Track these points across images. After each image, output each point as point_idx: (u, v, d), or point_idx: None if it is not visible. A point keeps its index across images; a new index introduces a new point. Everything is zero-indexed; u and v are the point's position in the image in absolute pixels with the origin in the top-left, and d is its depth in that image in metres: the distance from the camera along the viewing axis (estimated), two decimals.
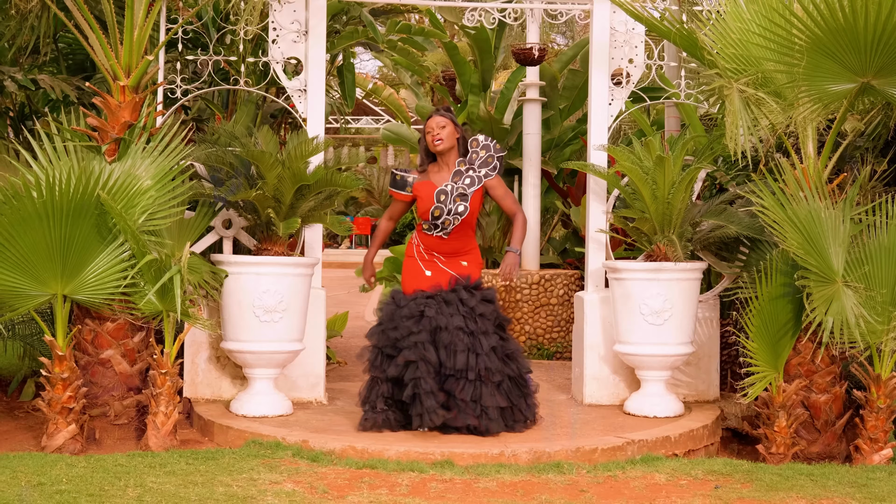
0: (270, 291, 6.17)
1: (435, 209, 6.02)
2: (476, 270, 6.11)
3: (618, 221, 6.73)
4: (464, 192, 6.03)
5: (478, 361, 5.80)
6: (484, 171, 6.10)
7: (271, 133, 6.51)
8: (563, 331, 9.71)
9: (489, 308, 5.93)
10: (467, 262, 6.10)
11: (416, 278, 6.09)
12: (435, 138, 6.06)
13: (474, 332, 5.83)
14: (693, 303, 6.51)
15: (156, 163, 5.87)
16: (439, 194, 6.06)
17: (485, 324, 5.88)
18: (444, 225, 6.03)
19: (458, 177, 6.09)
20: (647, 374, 6.56)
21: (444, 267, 6.06)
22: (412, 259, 6.15)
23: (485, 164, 6.13)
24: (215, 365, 6.74)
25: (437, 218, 6.03)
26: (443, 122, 6.07)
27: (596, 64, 6.99)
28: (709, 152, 6.72)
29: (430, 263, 6.09)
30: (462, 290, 5.93)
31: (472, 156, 6.15)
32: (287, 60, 6.88)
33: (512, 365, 5.96)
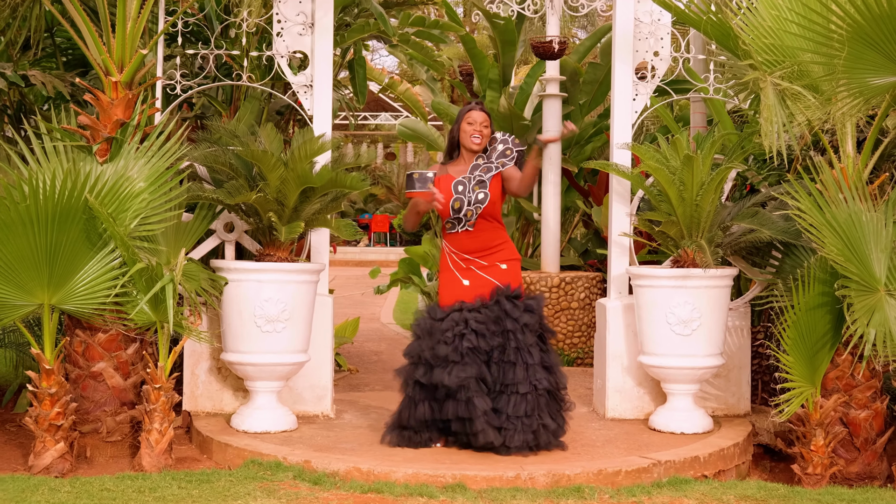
0: (273, 300, 5.81)
1: (455, 200, 5.67)
2: (516, 273, 5.74)
3: (642, 224, 6.32)
4: (482, 178, 5.69)
5: (528, 374, 5.45)
6: (501, 161, 5.76)
7: (275, 131, 6.14)
8: (585, 336, 9.33)
9: (534, 318, 5.58)
10: (507, 266, 5.72)
11: (454, 289, 5.68)
12: (476, 134, 5.72)
13: (521, 344, 5.48)
14: (723, 312, 6.10)
15: (150, 163, 5.51)
16: (457, 185, 5.71)
17: (529, 335, 5.52)
18: (467, 216, 5.67)
19: (476, 169, 5.77)
20: (673, 387, 6.15)
21: (483, 273, 5.67)
22: (447, 272, 5.75)
23: (502, 155, 5.78)
24: (216, 376, 6.39)
25: (459, 210, 5.67)
26: (486, 121, 5.77)
27: (619, 57, 6.58)
28: (739, 151, 6.30)
29: (466, 272, 5.70)
30: (505, 300, 5.57)
31: (491, 151, 5.82)
32: (292, 54, 6.51)
33: (551, 378, 5.60)
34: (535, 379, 5.46)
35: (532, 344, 5.51)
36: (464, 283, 5.67)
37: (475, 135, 5.71)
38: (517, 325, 5.50)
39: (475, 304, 5.57)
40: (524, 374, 5.45)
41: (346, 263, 24.15)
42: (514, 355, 5.47)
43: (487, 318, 5.51)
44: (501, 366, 5.48)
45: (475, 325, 5.47)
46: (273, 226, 5.77)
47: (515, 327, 5.50)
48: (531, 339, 5.53)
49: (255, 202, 5.72)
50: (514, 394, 5.45)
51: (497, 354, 5.48)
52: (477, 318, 5.50)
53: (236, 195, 5.71)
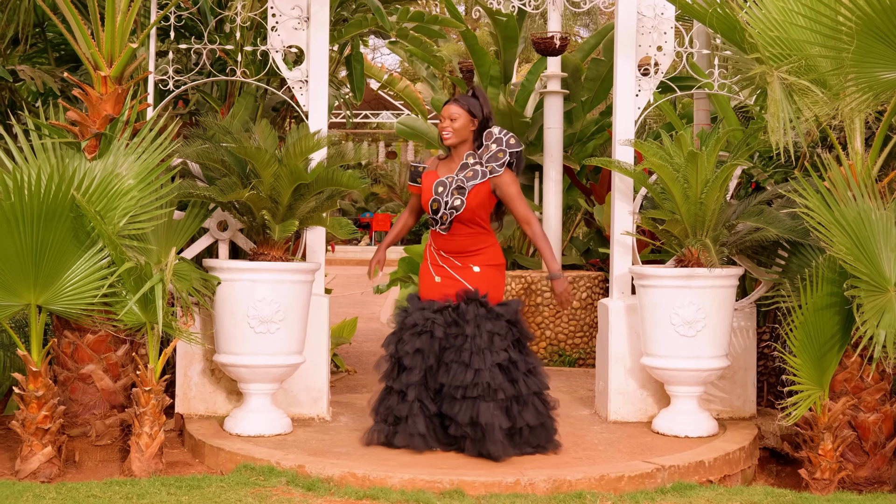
0: (266, 300, 5.66)
1: (433, 201, 5.54)
2: (490, 279, 5.55)
3: (646, 223, 6.17)
4: (462, 185, 5.50)
5: (476, 377, 5.28)
6: (490, 167, 5.53)
7: (270, 128, 5.99)
8: (586, 336, 9.19)
9: (500, 323, 5.39)
10: (480, 269, 5.55)
11: (427, 285, 5.63)
12: (443, 130, 5.57)
13: (477, 348, 5.32)
14: (728, 312, 5.95)
15: (140, 160, 5.37)
16: (437, 186, 5.55)
17: (494, 339, 5.35)
18: (443, 220, 5.53)
19: (463, 170, 5.57)
20: (677, 389, 6.01)
21: (454, 273, 5.54)
22: (425, 263, 5.68)
23: (493, 158, 5.55)
24: (209, 378, 6.25)
25: (436, 212, 5.54)
26: (456, 113, 5.53)
27: (622, 52, 6.43)
28: (745, 148, 6.15)
29: (440, 268, 5.59)
30: (469, 304, 5.42)
31: (484, 149, 5.60)
32: (287, 49, 6.37)
33: (534, 380, 5.44)
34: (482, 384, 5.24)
35: (488, 348, 5.31)
36: (435, 279, 5.57)
37: (443, 132, 5.55)
38: (477, 331, 5.35)
39: (444, 303, 5.46)
40: (473, 377, 5.27)
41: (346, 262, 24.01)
42: (467, 357, 5.31)
43: (448, 322, 5.40)
44: (453, 368, 5.31)
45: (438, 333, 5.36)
46: (266, 224, 5.63)
47: (475, 333, 5.35)
48: (496, 343, 5.34)
49: (248, 200, 5.57)
50: (465, 399, 5.28)
51: (452, 355, 5.33)
52: (438, 321, 5.39)
53: (228, 193, 5.56)
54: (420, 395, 5.36)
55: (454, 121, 5.53)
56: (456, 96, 5.68)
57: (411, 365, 5.34)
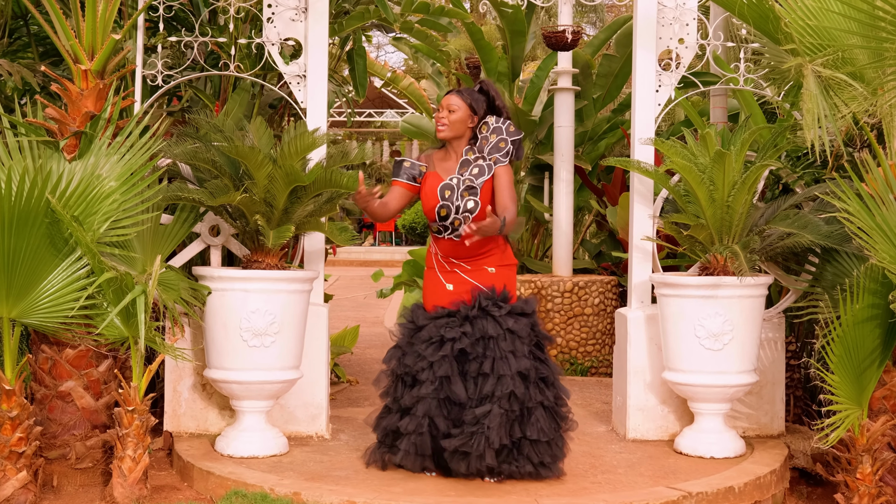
0: (260, 311, 5.26)
1: (441, 208, 5.06)
2: (506, 278, 5.12)
3: (668, 228, 5.75)
4: (472, 184, 5.05)
5: (500, 384, 4.85)
6: (494, 157, 5.08)
7: (265, 125, 5.59)
8: (599, 344, 8.79)
9: (522, 323, 4.96)
10: (495, 269, 5.11)
11: (437, 293, 5.14)
12: (439, 121, 5.12)
13: (501, 352, 4.88)
14: (757, 324, 5.53)
15: (122, 161, 4.96)
16: (443, 190, 5.08)
17: (515, 342, 4.92)
18: (454, 225, 5.06)
19: (465, 167, 5.10)
20: (702, 406, 5.59)
21: (468, 277, 5.08)
22: (432, 271, 5.20)
23: (495, 149, 5.10)
24: (200, 394, 5.84)
25: (445, 218, 5.07)
26: (455, 105, 5.10)
27: (641, 44, 6.02)
28: (773, 148, 5.73)
29: (451, 275, 5.12)
30: (486, 302, 4.97)
31: (482, 141, 5.14)
32: (284, 42, 5.97)
33: (548, 392, 5.00)
34: (502, 391, 4.81)
35: (513, 351, 4.88)
36: (447, 287, 5.10)
37: (440, 123, 5.11)
38: (500, 330, 4.91)
39: (456, 309, 5.00)
40: (494, 386, 4.84)
41: (350, 263, 23.65)
42: (489, 366, 4.86)
43: (462, 320, 4.94)
44: (477, 380, 4.89)
45: (452, 334, 4.90)
46: (260, 230, 5.22)
47: (498, 332, 4.90)
48: (515, 346, 4.90)
49: (239, 204, 5.16)
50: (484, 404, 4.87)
51: (476, 367, 4.88)
52: (453, 325, 4.93)
53: (218, 196, 5.15)
54: (430, 412, 4.91)
55: (452, 112, 5.10)
56: (460, 88, 5.25)
57: (424, 377, 4.89)
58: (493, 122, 5.12)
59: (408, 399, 4.94)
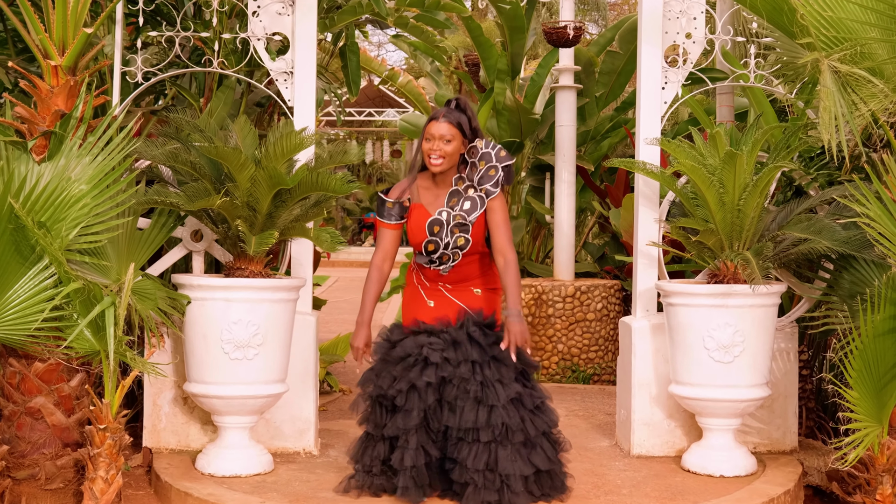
0: (243, 322, 4.96)
1: (428, 243, 4.69)
2: (491, 302, 4.81)
3: (676, 233, 5.44)
4: (463, 220, 4.67)
5: (491, 417, 4.53)
6: (485, 189, 4.70)
7: (249, 125, 5.29)
8: (602, 350, 8.49)
9: (506, 352, 4.62)
10: (481, 290, 4.81)
11: (417, 308, 4.79)
12: (434, 155, 4.62)
13: (487, 380, 4.57)
14: (769, 335, 5.23)
15: (94, 162, 4.65)
16: (432, 225, 4.69)
17: (501, 370, 4.62)
18: (443, 260, 4.72)
19: (456, 199, 4.70)
20: (710, 422, 5.29)
21: (451, 296, 4.76)
22: (412, 287, 4.86)
23: (486, 177, 4.70)
24: (181, 408, 5.54)
25: (433, 252, 4.71)
26: (449, 134, 4.61)
27: (646, 39, 5.71)
28: (785, 149, 5.42)
29: (433, 292, 4.79)
30: (473, 326, 4.65)
31: (471, 168, 4.73)
32: (270, 37, 5.67)
33: (543, 418, 4.70)
34: (498, 425, 4.50)
35: (500, 379, 4.56)
36: (428, 303, 4.76)
37: (433, 155, 4.61)
38: (486, 357, 4.59)
39: (436, 326, 4.65)
40: (486, 417, 4.50)
41: (350, 264, 23.33)
42: (478, 391, 4.52)
43: (447, 344, 4.58)
44: (459, 406, 4.53)
45: (435, 359, 4.53)
46: (241, 235, 4.92)
47: (483, 358, 4.58)
48: (502, 373, 4.58)
49: (220, 208, 4.86)
50: (476, 442, 4.51)
51: (453, 391, 4.53)
52: (435, 345, 4.57)
53: (197, 199, 4.84)
54: (422, 442, 4.60)
55: (449, 142, 4.62)
56: (441, 111, 4.70)
57: (408, 406, 4.56)
58: (481, 147, 4.71)
59: (392, 429, 4.60)
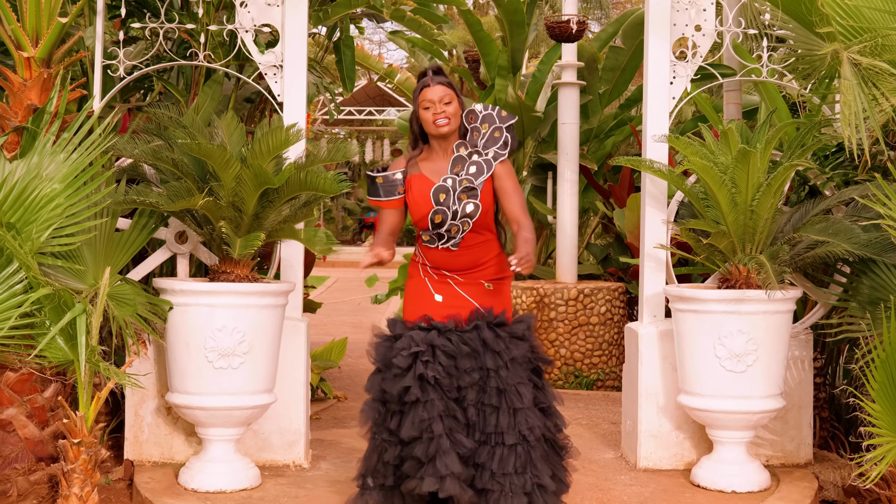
0: (227, 328, 4.69)
1: (435, 214, 4.36)
2: (503, 295, 4.48)
3: (685, 235, 5.16)
4: (471, 184, 4.38)
5: (516, 420, 4.22)
6: (493, 152, 4.43)
7: (236, 121, 5.02)
8: (606, 355, 8.22)
9: (523, 348, 4.31)
10: (493, 286, 4.46)
11: (423, 303, 4.41)
12: (438, 117, 4.36)
13: (506, 384, 4.26)
14: (784, 343, 4.96)
15: (69, 160, 4.39)
16: (437, 193, 4.39)
17: (518, 370, 4.33)
18: (451, 233, 4.38)
19: (460, 165, 4.42)
20: (722, 434, 5.02)
21: (461, 291, 4.41)
22: (417, 279, 4.50)
23: (491, 140, 4.44)
24: (165, 418, 5.27)
25: (440, 225, 4.37)
26: (447, 95, 4.38)
27: (654, 32, 5.44)
28: (799, 147, 5.14)
29: (440, 285, 4.42)
30: (486, 327, 4.31)
31: (473, 133, 4.48)
32: (259, 28, 5.40)
33: (548, 423, 4.40)
34: (525, 427, 4.20)
35: (521, 382, 4.25)
36: (436, 297, 4.39)
37: (440, 118, 4.36)
38: (500, 362, 4.26)
39: (447, 324, 4.29)
40: (510, 420, 4.19)
41: (350, 265, 23.04)
42: (496, 398, 4.21)
43: (460, 349, 4.22)
44: (480, 409, 4.22)
45: (443, 359, 4.19)
46: (225, 238, 4.65)
47: (498, 364, 4.25)
48: (520, 375, 4.27)
49: (203, 208, 4.59)
50: (500, 445, 4.19)
51: (474, 395, 4.22)
52: (446, 347, 4.21)
53: (178, 200, 4.57)
54: (451, 426, 4.19)
55: (449, 104, 4.38)
56: (427, 78, 4.44)
57: (426, 398, 4.16)
58: (480, 110, 4.47)
59: (409, 428, 4.18)
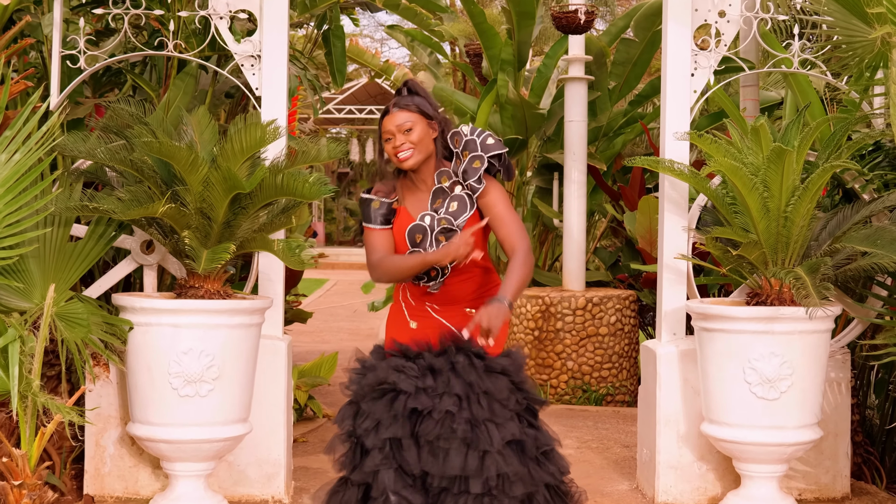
0: (194, 351, 4.15)
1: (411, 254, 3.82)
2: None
3: (711, 245, 4.60)
4: (449, 224, 3.81)
5: (484, 464, 3.66)
6: (469, 184, 3.81)
7: (208, 118, 4.49)
8: (615, 368, 7.71)
9: (501, 383, 3.70)
10: (475, 310, 3.85)
11: (398, 330, 3.91)
12: (399, 150, 3.75)
13: (476, 419, 3.70)
14: (822, 366, 4.41)
15: (10, 162, 3.85)
16: (413, 233, 3.82)
17: (494, 407, 3.74)
18: (430, 275, 3.83)
19: (441, 198, 3.84)
20: (751, 468, 4.47)
21: (438, 316, 3.89)
22: (396, 304, 3.98)
23: (470, 171, 3.81)
24: (129, 448, 4.73)
25: None
26: (407, 121, 3.74)
27: (673, 17, 4.90)
28: (836, 147, 4.59)
29: (417, 311, 3.91)
30: (456, 352, 3.72)
31: (456, 160, 3.85)
32: (234, 14, 4.86)
33: (549, 467, 3.84)
34: (492, 473, 3.59)
35: (497, 419, 3.63)
36: (410, 324, 3.89)
37: (400, 151, 3.73)
38: (471, 392, 3.65)
39: (412, 348, 3.71)
40: (477, 463, 3.59)
41: (350, 266, 22.59)
42: (465, 432, 3.59)
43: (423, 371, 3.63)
44: (441, 448, 3.60)
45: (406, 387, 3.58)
46: (188, 251, 4.11)
47: (468, 393, 3.65)
48: (498, 410, 3.65)
49: (165, 216, 4.05)
50: (464, 493, 3.58)
51: (436, 428, 3.60)
52: (409, 374, 3.62)
53: (134, 206, 4.03)
54: (396, 487, 3.74)
55: (409, 132, 3.74)
56: (391, 102, 3.82)
57: (372, 444, 3.61)
58: (466, 133, 3.84)
59: (360, 474, 3.62)
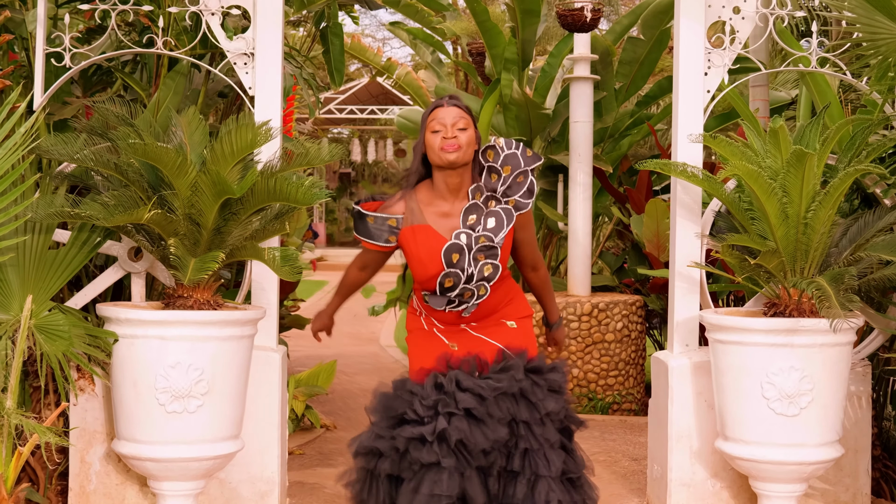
0: (182, 365, 3.94)
1: (445, 277, 3.54)
2: (528, 335, 3.70)
3: (726, 254, 4.37)
4: (490, 242, 3.56)
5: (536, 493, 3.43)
6: (513, 200, 3.61)
7: (198, 119, 4.28)
8: (622, 375, 7.51)
9: (559, 404, 3.53)
10: (517, 324, 3.68)
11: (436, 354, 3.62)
12: (448, 143, 3.49)
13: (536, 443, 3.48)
14: (843, 380, 4.19)
15: None
16: (449, 253, 3.55)
17: (549, 431, 3.52)
18: (464, 297, 3.59)
19: (476, 214, 3.59)
20: (769, 487, 4.25)
21: (480, 335, 3.64)
22: (422, 332, 3.71)
23: (515, 186, 3.61)
24: (115, 465, 4.51)
25: (450, 289, 3.56)
26: (462, 120, 3.52)
27: (686, 13, 4.68)
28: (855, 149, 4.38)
29: (453, 333, 3.66)
30: (521, 373, 3.50)
31: (491, 175, 3.61)
32: (227, 10, 4.65)
33: (575, 496, 3.61)
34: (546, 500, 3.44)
35: (553, 443, 3.49)
36: (451, 346, 3.62)
37: (448, 146, 3.49)
38: (535, 416, 3.49)
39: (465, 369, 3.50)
40: (527, 492, 3.43)
41: None
42: (519, 461, 3.46)
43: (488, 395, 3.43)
44: (501, 478, 3.47)
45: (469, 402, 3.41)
46: (173, 260, 3.90)
47: (533, 418, 3.48)
48: (551, 435, 3.51)
49: (151, 222, 3.83)
50: None
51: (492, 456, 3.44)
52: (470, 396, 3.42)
53: (118, 212, 3.81)
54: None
55: (464, 130, 3.53)
56: (443, 99, 3.62)
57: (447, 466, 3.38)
58: (503, 147, 3.62)
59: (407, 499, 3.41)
